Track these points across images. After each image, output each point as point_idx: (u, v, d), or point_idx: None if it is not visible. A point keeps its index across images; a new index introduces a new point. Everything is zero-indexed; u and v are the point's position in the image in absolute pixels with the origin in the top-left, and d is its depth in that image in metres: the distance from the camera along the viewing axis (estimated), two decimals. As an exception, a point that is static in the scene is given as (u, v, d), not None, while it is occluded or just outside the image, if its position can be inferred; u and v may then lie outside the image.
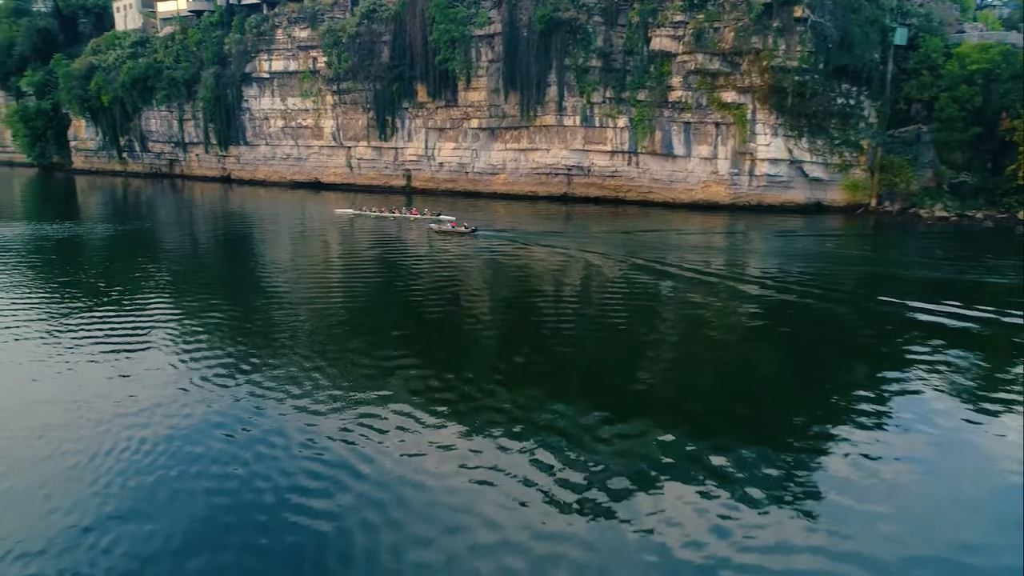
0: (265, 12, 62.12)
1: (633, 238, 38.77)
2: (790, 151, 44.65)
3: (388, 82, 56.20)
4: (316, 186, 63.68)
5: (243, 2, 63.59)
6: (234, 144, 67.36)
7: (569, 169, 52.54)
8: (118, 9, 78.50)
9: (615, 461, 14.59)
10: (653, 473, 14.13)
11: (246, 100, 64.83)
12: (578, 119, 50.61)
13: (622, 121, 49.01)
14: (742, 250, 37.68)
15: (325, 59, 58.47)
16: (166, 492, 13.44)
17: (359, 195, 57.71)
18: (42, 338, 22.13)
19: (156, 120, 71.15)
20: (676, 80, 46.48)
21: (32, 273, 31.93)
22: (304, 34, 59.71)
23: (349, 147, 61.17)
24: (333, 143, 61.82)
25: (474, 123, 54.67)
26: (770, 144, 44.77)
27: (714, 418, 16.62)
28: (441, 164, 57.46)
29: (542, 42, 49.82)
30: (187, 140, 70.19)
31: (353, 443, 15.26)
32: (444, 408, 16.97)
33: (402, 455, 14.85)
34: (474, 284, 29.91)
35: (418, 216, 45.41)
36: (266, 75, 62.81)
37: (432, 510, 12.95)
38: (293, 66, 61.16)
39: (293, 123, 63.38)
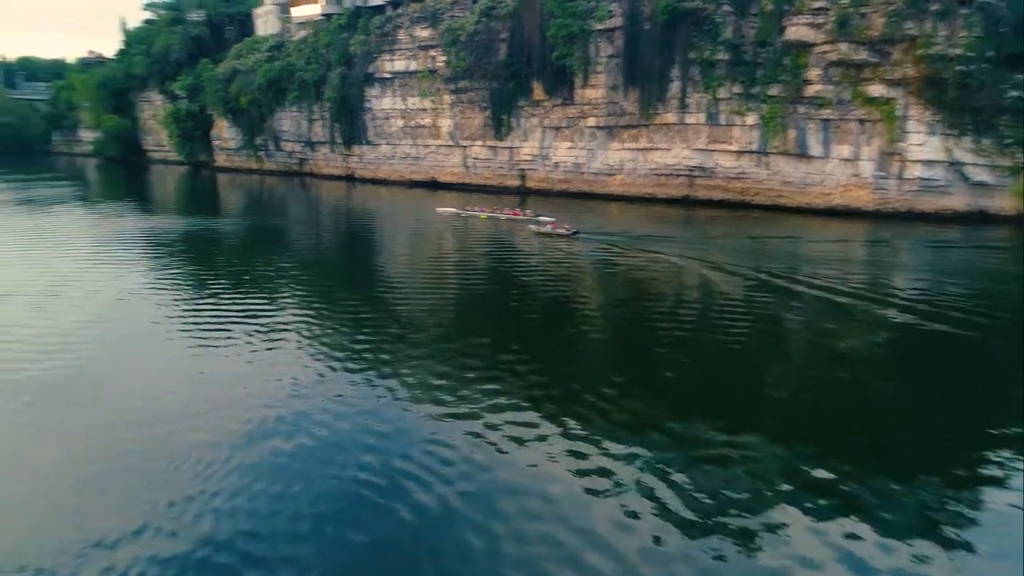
0: (388, 13, 63.11)
1: (759, 246, 35.32)
2: (948, 151, 39.25)
3: (504, 80, 55.27)
4: (433, 185, 63.96)
5: (369, 4, 64.99)
6: (357, 143, 69.12)
7: (691, 170, 49.27)
8: (259, 15, 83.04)
9: (725, 509, 12.25)
10: (767, 529, 11.69)
11: (368, 100, 66.23)
12: (702, 116, 47.27)
13: (751, 118, 45.20)
14: (886, 264, 33.23)
15: (444, 58, 58.47)
16: (207, 511, 12.48)
17: (474, 195, 57.33)
18: (132, 333, 22.42)
19: (288, 120, 74.41)
20: (814, 73, 42.17)
21: (153, 264, 33.32)
22: (425, 33, 60.00)
23: (465, 146, 60.89)
24: (450, 142, 61.79)
25: (591, 121, 52.60)
26: (924, 143, 39.57)
27: (840, 470, 13.79)
28: (556, 164, 55.80)
29: (665, 35, 46.95)
30: (315, 140, 72.90)
31: (430, 462, 13.83)
32: (532, 430, 15.21)
33: (481, 481, 13.24)
34: (573, 292, 27.96)
35: (519, 216, 44.06)
36: (388, 75, 63.80)
37: (514, 548, 11.30)
38: (413, 66, 61.67)
39: (412, 123, 63.99)
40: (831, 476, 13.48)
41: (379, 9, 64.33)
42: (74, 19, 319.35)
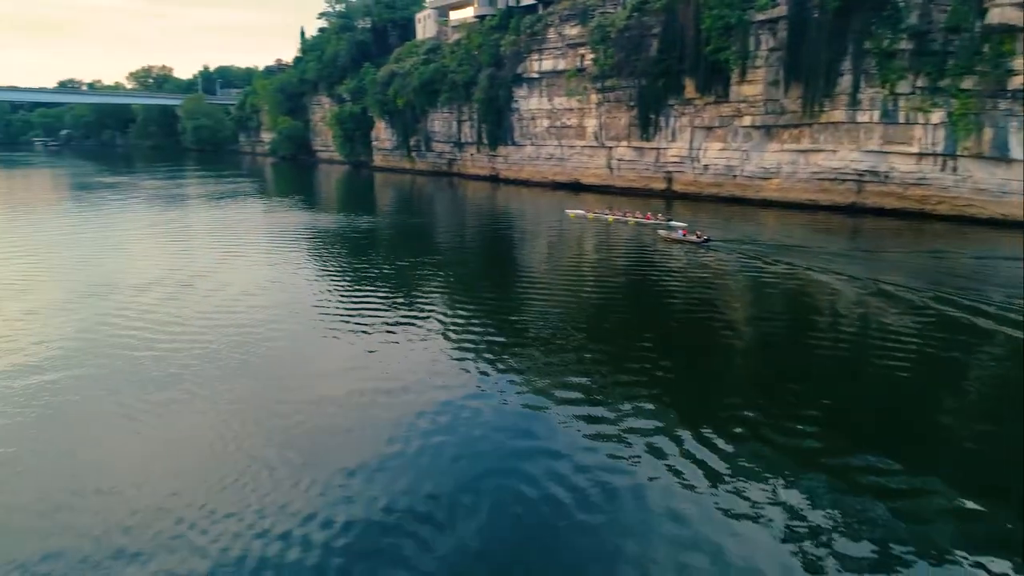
0: (539, 12, 62.34)
1: (939, 265, 30.29)
2: None
3: (654, 78, 52.48)
4: (575, 187, 62.36)
5: (521, 3, 64.64)
6: (502, 144, 69.06)
7: (860, 174, 43.89)
8: (419, 20, 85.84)
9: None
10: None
11: (516, 101, 65.91)
12: (876, 114, 41.87)
13: (936, 116, 39.28)
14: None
15: (592, 56, 56.72)
16: (318, 505, 11.64)
17: (617, 198, 55.23)
18: (252, 324, 22.74)
19: (439, 121, 76.04)
20: (1021, 62, 35.75)
21: (292, 259, 34.45)
22: (574, 31, 58.57)
23: (610, 147, 58.71)
24: (594, 143, 59.89)
25: (746, 120, 48.53)
26: None
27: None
28: (706, 166, 52.18)
29: (836, 23, 42.09)
30: (463, 140, 73.87)
31: (526, 488, 12.45)
32: (648, 463, 13.42)
33: (586, 519, 11.54)
34: (710, 306, 25.13)
35: (650, 220, 41.70)
36: (536, 75, 63.07)
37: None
38: (562, 65, 60.45)
39: (558, 123, 62.79)
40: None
41: (531, 8, 63.82)
42: (268, 31, 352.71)
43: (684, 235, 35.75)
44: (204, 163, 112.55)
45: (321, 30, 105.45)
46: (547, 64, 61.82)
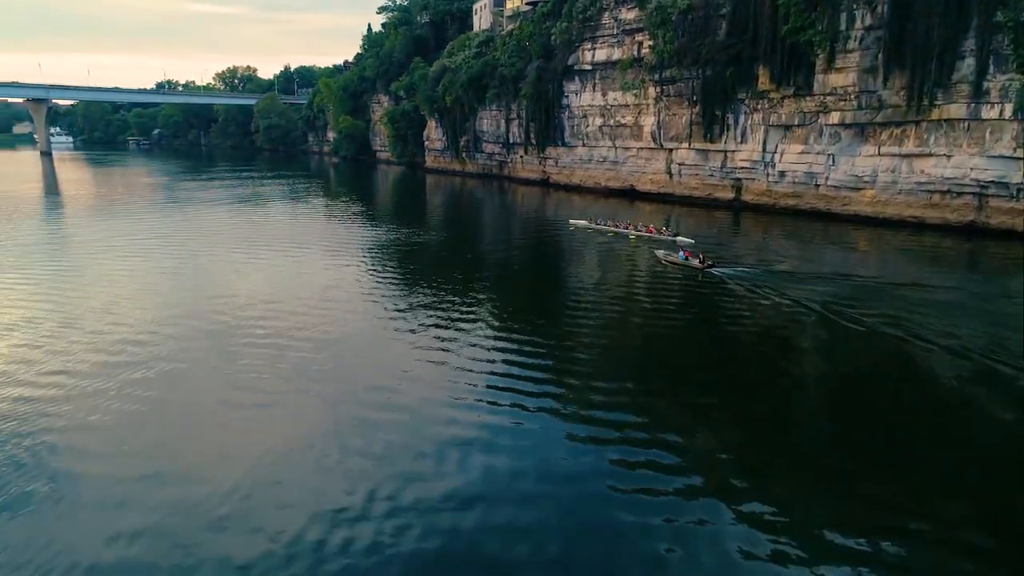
0: (595, -5, 54.57)
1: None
2: None
3: (721, 66, 43.93)
4: (631, 194, 54.39)
5: (575, -13, 57.02)
6: (552, 145, 61.68)
7: (983, 186, 34.19)
8: (476, 11, 79.75)
9: None
10: None
11: (566, 96, 58.39)
12: (1008, 108, 32.19)
13: (1095, 109, 29.31)
14: None
15: (650, 43, 48.58)
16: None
17: (676, 207, 47.32)
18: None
19: (487, 120, 69.52)
20: None
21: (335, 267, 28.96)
22: (631, 15, 50.61)
23: (670, 149, 50.35)
24: (652, 144, 51.66)
25: (834, 117, 39.31)
26: None
27: None
28: (782, 173, 43.18)
29: (955, -9, 32.62)
30: (512, 140, 66.98)
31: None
32: None
33: None
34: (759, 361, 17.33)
35: (652, 234, 35.88)
36: (588, 66, 55.34)
37: None
38: (616, 54, 52.54)
39: (612, 121, 54.91)
40: None
41: (586, -9, 56.05)
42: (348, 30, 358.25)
43: (687, 257, 29.25)
44: (273, 163, 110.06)
45: (383, 25, 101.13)
46: (600, 54, 54.02)
